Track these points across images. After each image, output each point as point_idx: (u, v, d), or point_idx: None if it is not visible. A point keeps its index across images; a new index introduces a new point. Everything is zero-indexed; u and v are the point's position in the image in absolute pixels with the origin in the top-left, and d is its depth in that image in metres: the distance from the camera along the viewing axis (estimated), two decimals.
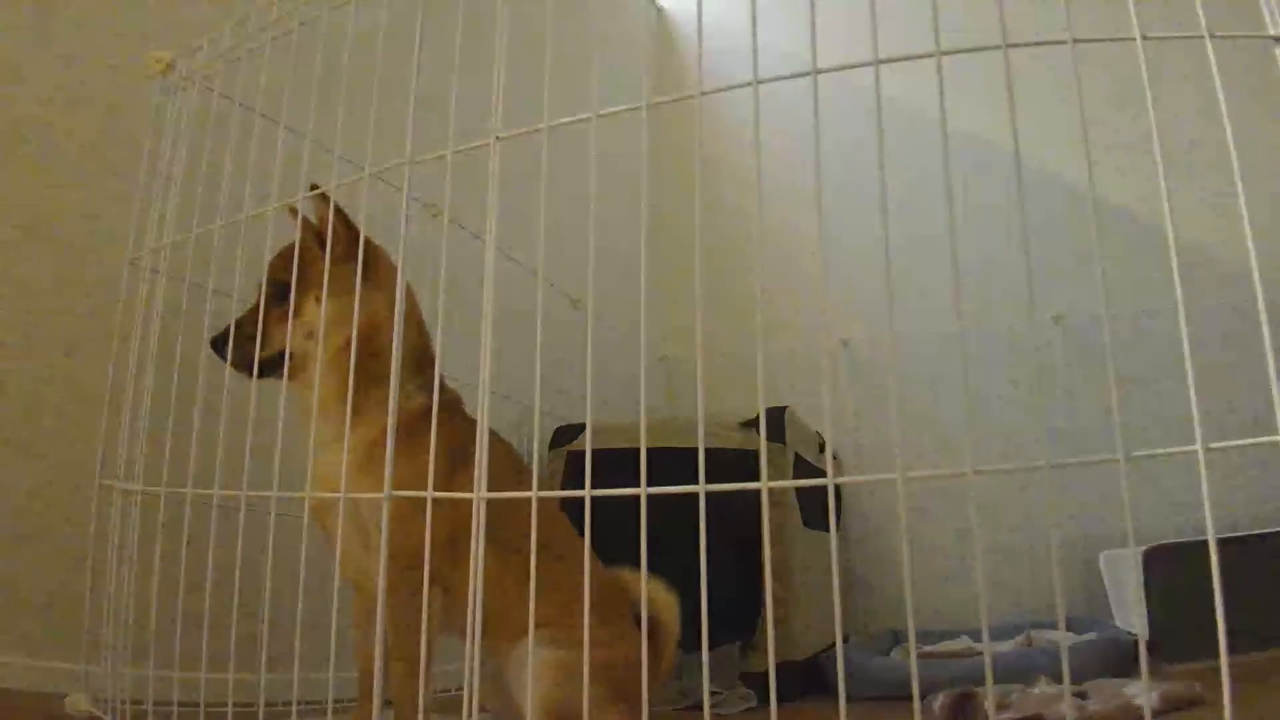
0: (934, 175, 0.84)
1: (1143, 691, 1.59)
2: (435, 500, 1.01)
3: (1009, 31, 0.80)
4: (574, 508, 1.32)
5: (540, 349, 0.97)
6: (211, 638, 1.13)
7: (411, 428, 1.05)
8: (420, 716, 0.96)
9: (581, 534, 0.94)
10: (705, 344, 0.91)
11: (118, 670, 1.28)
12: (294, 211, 1.28)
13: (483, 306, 0.96)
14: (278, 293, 1.27)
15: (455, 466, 1.17)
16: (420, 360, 1.30)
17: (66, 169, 1.55)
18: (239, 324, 1.26)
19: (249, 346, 1.22)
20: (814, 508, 2.28)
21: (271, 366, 1.25)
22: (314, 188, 1.21)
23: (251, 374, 1.23)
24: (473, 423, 1.10)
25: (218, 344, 1.26)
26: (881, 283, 0.87)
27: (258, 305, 1.30)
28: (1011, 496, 2.80)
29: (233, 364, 1.25)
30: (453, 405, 1.31)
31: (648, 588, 1.32)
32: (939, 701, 1.56)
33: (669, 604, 1.32)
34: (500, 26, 1.00)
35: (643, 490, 0.83)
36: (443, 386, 1.35)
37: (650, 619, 1.33)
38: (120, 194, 1.53)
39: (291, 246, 1.29)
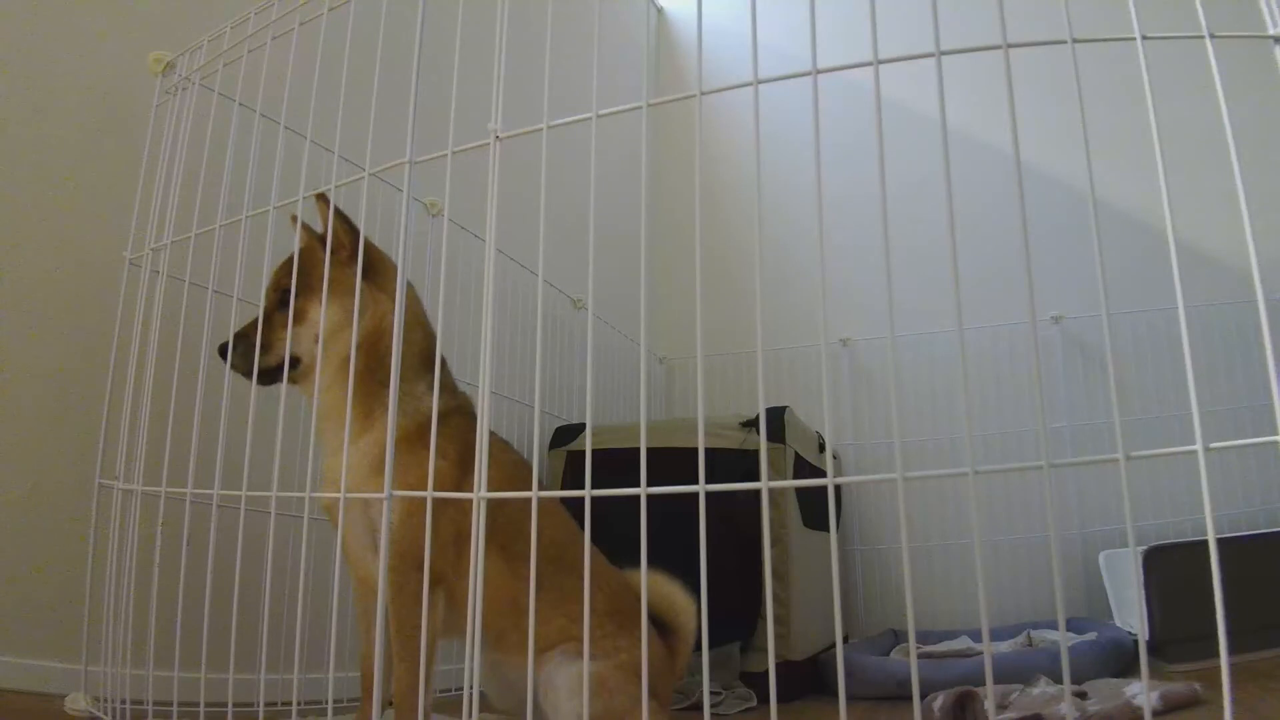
0: (934, 175, 0.84)
1: (1143, 691, 1.59)
2: (443, 501, 1.01)
3: (1009, 31, 0.80)
4: (574, 507, 1.32)
5: (540, 349, 0.97)
6: (211, 638, 1.13)
7: (424, 430, 1.05)
8: (421, 717, 0.96)
9: (592, 541, 0.94)
10: (705, 344, 0.91)
11: (118, 670, 1.28)
12: (293, 218, 1.28)
13: (483, 306, 0.96)
14: (283, 299, 1.27)
15: (466, 470, 1.17)
16: (428, 362, 1.30)
17: (66, 169, 1.55)
18: (244, 332, 1.26)
19: (253, 353, 1.22)
20: (814, 508, 2.28)
21: (279, 373, 1.25)
22: (319, 195, 1.21)
23: (263, 382, 1.23)
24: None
25: (224, 352, 1.27)
26: (881, 283, 0.87)
27: (265, 311, 1.30)
28: (1011, 496, 2.81)
29: (239, 370, 1.25)
30: (465, 410, 1.31)
31: (668, 590, 1.33)
32: (939, 702, 1.56)
33: (687, 607, 1.32)
34: (500, 26, 1.00)
35: (643, 490, 0.83)
36: (454, 390, 1.36)
37: (669, 621, 1.33)
38: (120, 194, 1.53)
39: (297, 255, 1.29)
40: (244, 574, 1.11)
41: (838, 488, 0.93)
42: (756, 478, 0.82)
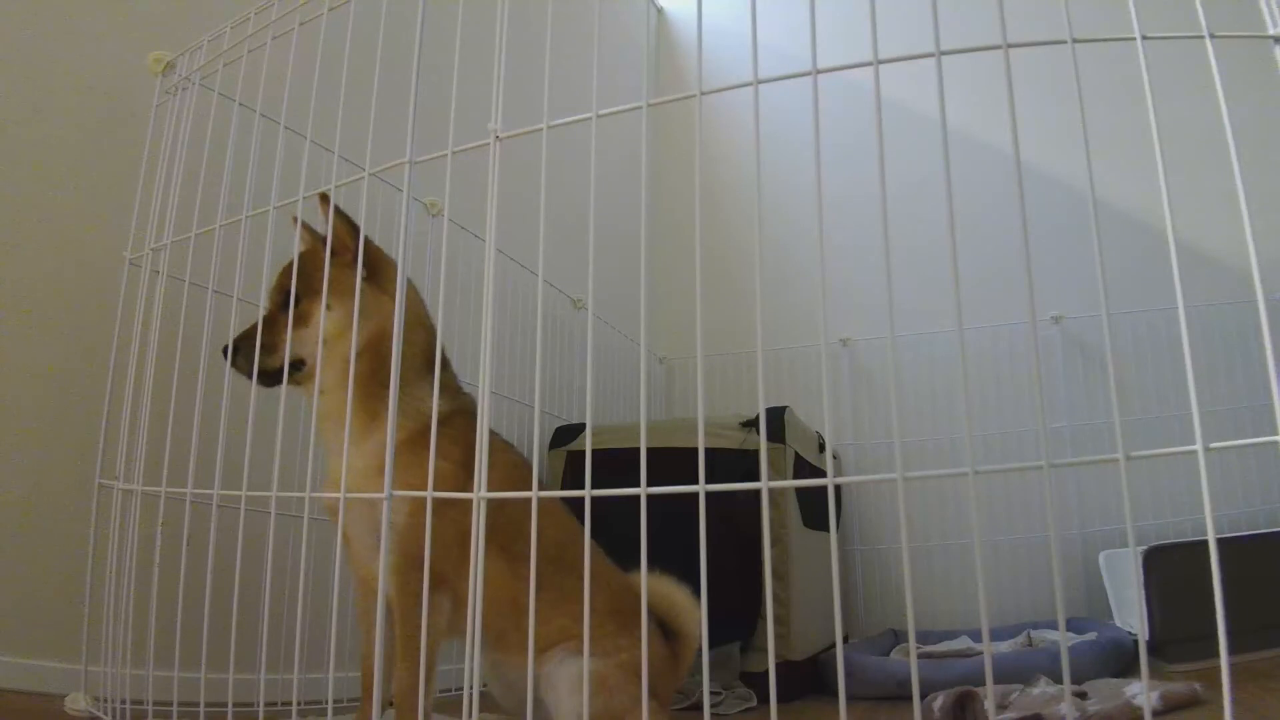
0: (934, 175, 0.84)
1: (1143, 691, 1.59)
2: (447, 503, 1.01)
3: (1009, 31, 0.80)
4: (574, 506, 1.32)
5: (540, 349, 0.97)
6: (211, 638, 1.13)
7: (429, 432, 1.05)
8: (422, 717, 0.96)
9: (593, 541, 0.94)
10: (705, 344, 0.91)
11: (118, 670, 1.28)
12: (294, 220, 1.28)
13: (483, 306, 0.96)
14: (287, 301, 1.27)
15: (470, 472, 1.18)
16: (433, 363, 1.30)
17: (66, 169, 1.55)
18: (248, 333, 1.26)
19: (255, 354, 1.22)
20: (814, 508, 2.28)
21: (282, 374, 1.25)
22: (321, 195, 1.21)
23: (266, 384, 1.23)
24: (490, 431, 1.11)
25: (227, 353, 1.27)
26: (881, 283, 0.87)
27: (269, 313, 1.29)
28: (1011, 496, 2.81)
29: (242, 372, 1.25)
30: (469, 411, 1.31)
31: (671, 592, 1.33)
32: (939, 702, 1.56)
33: (690, 609, 1.33)
34: (500, 26, 1.00)
35: (643, 490, 0.83)
36: (458, 391, 1.36)
37: (672, 623, 1.34)
38: (120, 194, 1.53)
39: (300, 256, 1.29)
40: (244, 574, 1.11)
41: (838, 488, 0.93)
42: (756, 478, 0.82)
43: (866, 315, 3.03)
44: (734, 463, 2.12)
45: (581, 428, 2.42)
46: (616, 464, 1.48)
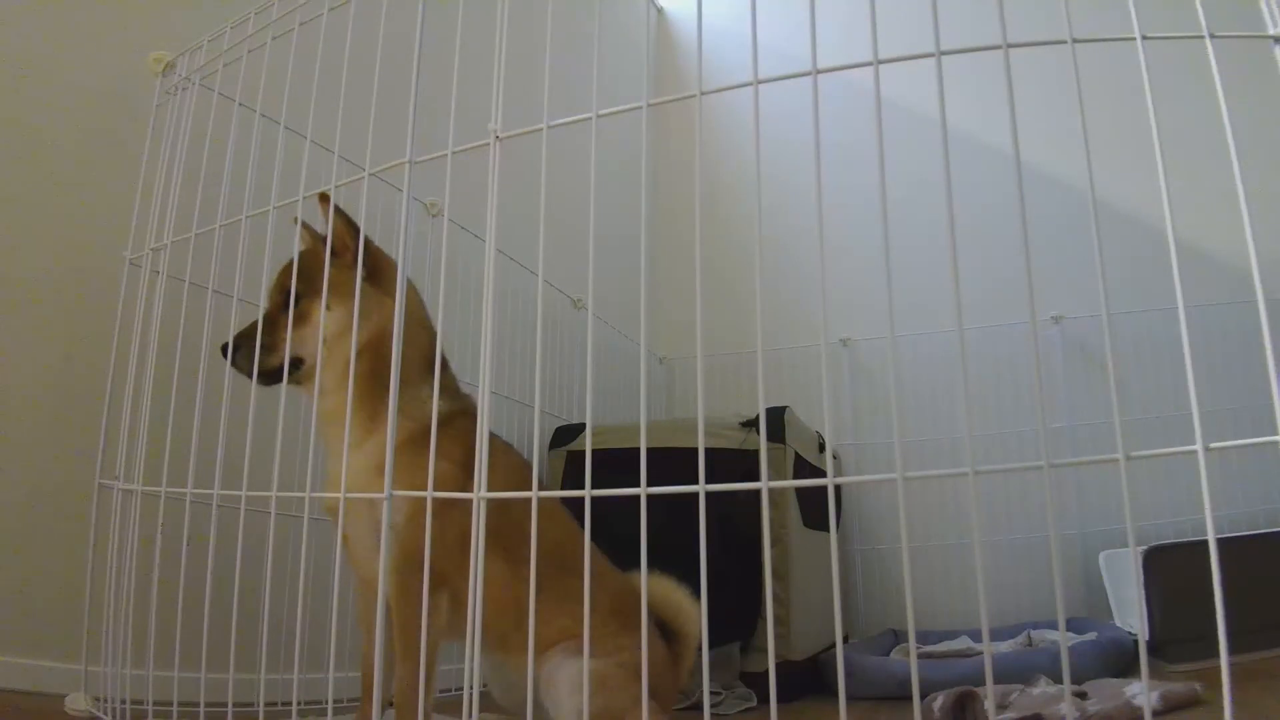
0: (934, 175, 0.85)
1: (1143, 691, 1.59)
2: (449, 504, 1.01)
3: (1009, 31, 0.80)
4: (574, 506, 1.32)
5: (540, 349, 0.97)
6: (211, 638, 1.13)
7: (428, 433, 1.05)
8: (422, 717, 0.96)
9: (593, 541, 0.94)
10: (705, 344, 0.91)
11: (118, 670, 1.28)
12: (294, 220, 1.28)
13: (483, 306, 0.96)
14: (288, 300, 1.27)
15: (472, 473, 1.18)
16: (432, 364, 1.30)
17: (66, 169, 1.55)
18: (248, 331, 1.26)
19: (256, 353, 1.22)
20: (814, 508, 2.28)
21: (281, 373, 1.25)
22: (321, 195, 1.21)
23: (265, 383, 1.23)
24: (490, 433, 1.11)
25: (226, 351, 1.27)
26: (881, 283, 0.87)
27: (269, 312, 1.29)
28: (1011, 496, 2.81)
29: (241, 370, 1.25)
30: (470, 412, 1.31)
31: (671, 592, 1.33)
32: (939, 702, 1.56)
33: (692, 612, 1.33)
34: (500, 26, 1.00)
35: (643, 490, 0.83)
36: (458, 393, 1.35)
37: (674, 625, 1.34)
38: (120, 194, 1.53)
39: (301, 255, 1.29)
40: (244, 574, 1.11)
41: (838, 488, 0.93)
42: (756, 478, 0.82)
43: (866, 315, 3.03)
44: (734, 463, 2.12)
45: (582, 428, 2.42)
46: (617, 464, 1.48)
